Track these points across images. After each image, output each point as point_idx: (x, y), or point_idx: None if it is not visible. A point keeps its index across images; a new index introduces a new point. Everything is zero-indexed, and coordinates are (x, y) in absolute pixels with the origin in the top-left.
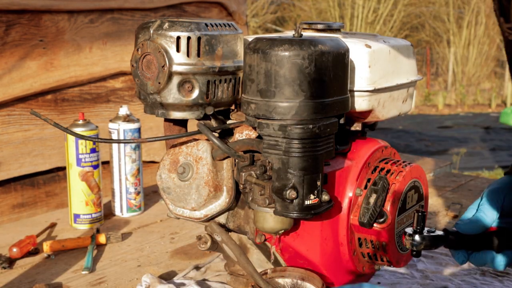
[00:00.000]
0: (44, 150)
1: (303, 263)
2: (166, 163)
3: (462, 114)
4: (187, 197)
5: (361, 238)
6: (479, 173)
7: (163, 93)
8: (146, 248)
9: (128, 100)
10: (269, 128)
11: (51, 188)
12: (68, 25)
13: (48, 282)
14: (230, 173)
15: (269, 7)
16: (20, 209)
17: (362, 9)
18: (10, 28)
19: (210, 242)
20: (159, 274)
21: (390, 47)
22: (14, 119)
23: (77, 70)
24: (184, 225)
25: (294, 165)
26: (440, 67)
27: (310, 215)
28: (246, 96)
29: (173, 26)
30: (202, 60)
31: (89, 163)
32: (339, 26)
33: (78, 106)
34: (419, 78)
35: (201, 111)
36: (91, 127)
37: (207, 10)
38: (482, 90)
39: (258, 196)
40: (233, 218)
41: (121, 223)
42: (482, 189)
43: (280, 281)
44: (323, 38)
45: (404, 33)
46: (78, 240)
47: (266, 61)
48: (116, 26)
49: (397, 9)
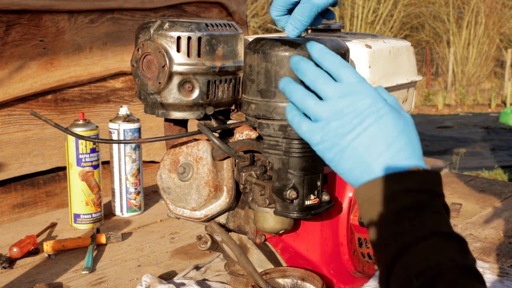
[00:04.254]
0: (44, 150)
1: (303, 263)
2: (166, 163)
3: (462, 114)
4: (187, 197)
5: (361, 238)
6: (479, 173)
7: (163, 93)
8: (146, 248)
9: (128, 100)
10: (269, 128)
11: (51, 188)
12: (68, 25)
13: (48, 282)
14: (230, 173)
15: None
16: (20, 209)
17: (362, 9)
18: (10, 28)
19: (210, 242)
20: (159, 274)
21: (390, 47)
22: (14, 119)
23: (77, 70)
24: (184, 225)
25: (294, 165)
26: (440, 67)
27: (310, 215)
28: (246, 96)
29: (173, 26)
30: (203, 60)
31: (89, 163)
32: (339, 26)
33: (78, 106)
34: (419, 78)
35: (201, 111)
36: (91, 127)
37: (207, 10)
38: (482, 90)
39: (258, 196)
40: (233, 218)
41: (121, 223)
42: (482, 189)
43: (280, 281)
44: (323, 38)
45: (404, 33)
46: (78, 240)
47: (267, 61)
48: (116, 26)
49: (397, 9)
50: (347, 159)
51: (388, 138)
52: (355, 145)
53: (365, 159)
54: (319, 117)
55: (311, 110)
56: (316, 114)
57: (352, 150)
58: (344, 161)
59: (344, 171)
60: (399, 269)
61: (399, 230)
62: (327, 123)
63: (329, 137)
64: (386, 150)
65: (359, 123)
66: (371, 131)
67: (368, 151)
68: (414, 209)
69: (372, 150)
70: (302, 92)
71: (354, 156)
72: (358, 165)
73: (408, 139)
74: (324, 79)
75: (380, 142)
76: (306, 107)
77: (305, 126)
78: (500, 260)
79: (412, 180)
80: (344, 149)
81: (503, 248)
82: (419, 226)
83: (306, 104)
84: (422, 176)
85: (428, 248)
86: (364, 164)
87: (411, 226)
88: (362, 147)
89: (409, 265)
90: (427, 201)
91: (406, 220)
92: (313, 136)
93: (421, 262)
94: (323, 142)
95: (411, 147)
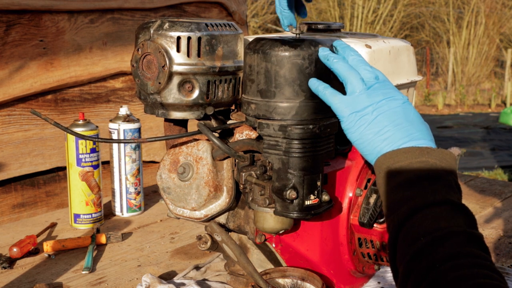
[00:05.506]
0: (44, 150)
1: (303, 263)
2: (166, 163)
3: (462, 114)
4: (187, 197)
5: (361, 238)
6: (479, 173)
7: (163, 93)
8: (146, 248)
9: (128, 100)
10: (269, 129)
11: (51, 188)
12: (68, 25)
13: (48, 282)
14: (230, 173)
15: (269, 7)
16: (20, 209)
17: (362, 9)
18: (10, 28)
19: (210, 242)
20: (159, 274)
21: (390, 47)
22: (14, 119)
23: (77, 70)
24: (184, 225)
25: (294, 165)
26: (440, 67)
27: (310, 215)
28: (246, 96)
29: (173, 26)
30: (203, 60)
31: (89, 163)
32: (339, 26)
33: (78, 106)
34: (419, 78)
35: (201, 111)
36: (91, 127)
37: (207, 10)
38: (482, 90)
39: (258, 196)
40: (233, 218)
41: (121, 223)
42: (482, 189)
43: (280, 281)
44: (323, 38)
45: (404, 33)
46: (78, 240)
47: (266, 61)
48: (116, 26)
49: (397, 9)
50: (372, 129)
51: (409, 118)
52: (380, 119)
53: (388, 132)
54: (354, 91)
55: (354, 83)
56: (355, 88)
57: (377, 122)
58: (368, 131)
59: (366, 142)
60: (407, 228)
61: (411, 195)
62: (359, 96)
63: (360, 109)
64: (408, 127)
65: (387, 103)
66: (396, 110)
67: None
68: (428, 179)
69: (395, 125)
70: (348, 67)
71: (378, 129)
72: (380, 137)
73: (426, 126)
74: (365, 65)
75: (403, 119)
76: (351, 80)
77: (337, 99)
78: (500, 260)
79: (429, 155)
80: (372, 120)
81: (503, 248)
82: (431, 193)
83: (352, 77)
84: (439, 153)
85: (438, 213)
86: (386, 136)
87: (424, 192)
88: (387, 122)
89: (418, 225)
90: (441, 175)
91: (419, 187)
92: (344, 108)
93: (430, 224)
94: (354, 113)
95: (429, 132)
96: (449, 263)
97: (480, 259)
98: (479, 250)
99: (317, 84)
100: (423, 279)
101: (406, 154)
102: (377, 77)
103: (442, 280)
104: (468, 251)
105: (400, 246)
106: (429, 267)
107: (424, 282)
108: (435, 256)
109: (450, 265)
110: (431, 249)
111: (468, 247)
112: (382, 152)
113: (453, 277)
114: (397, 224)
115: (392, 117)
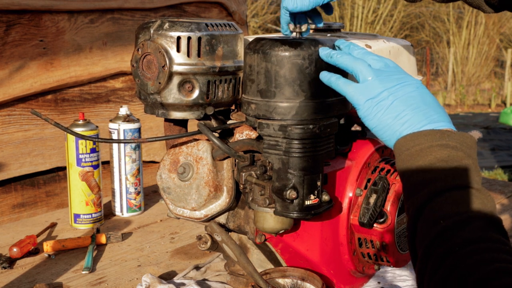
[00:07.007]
0: (44, 150)
1: (303, 263)
2: (166, 163)
3: (462, 114)
4: (187, 197)
5: (361, 238)
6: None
7: (163, 93)
8: (146, 248)
9: (128, 100)
10: (269, 128)
11: (51, 188)
12: (68, 25)
13: (48, 282)
14: (230, 173)
15: (269, 7)
16: (20, 209)
17: (362, 9)
18: (10, 28)
19: (210, 242)
20: (159, 274)
21: (390, 47)
22: (14, 119)
23: (77, 70)
24: (184, 225)
25: (294, 165)
26: (440, 67)
27: (310, 215)
28: (246, 96)
29: (173, 26)
30: (203, 60)
31: (89, 163)
32: (339, 26)
33: (78, 106)
34: (419, 78)
35: (201, 111)
36: (91, 127)
37: (207, 10)
38: (482, 90)
39: (258, 196)
40: (233, 218)
41: (121, 223)
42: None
43: (280, 281)
44: (323, 38)
45: (404, 33)
46: (78, 240)
47: (267, 61)
48: (116, 26)
49: (397, 9)
50: (390, 114)
51: (426, 101)
52: (397, 104)
53: (407, 115)
54: (366, 78)
55: (364, 71)
56: (365, 75)
57: (395, 107)
58: (386, 116)
59: (386, 127)
60: (428, 211)
61: (432, 178)
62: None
63: (375, 95)
64: (426, 110)
65: (401, 88)
66: (412, 95)
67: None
68: (449, 163)
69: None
70: (354, 58)
71: (396, 113)
72: (399, 121)
73: (443, 109)
74: (372, 55)
75: (421, 103)
76: (360, 69)
77: (351, 87)
78: None
79: (449, 138)
80: (389, 105)
81: None
82: (452, 176)
83: (360, 66)
84: (459, 137)
85: (458, 197)
86: (405, 120)
87: (445, 176)
88: (404, 106)
89: (439, 208)
90: (462, 158)
91: (440, 170)
92: (359, 96)
93: (451, 207)
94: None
95: (446, 115)
96: (469, 247)
97: (499, 243)
98: (499, 235)
99: (328, 76)
100: (442, 262)
101: (426, 137)
102: (386, 64)
103: (461, 263)
104: (488, 236)
105: (420, 229)
106: (448, 251)
107: (443, 266)
108: (455, 240)
109: (469, 249)
110: (451, 233)
111: (488, 232)
112: (403, 135)
113: (473, 261)
114: (417, 207)
115: (409, 101)
